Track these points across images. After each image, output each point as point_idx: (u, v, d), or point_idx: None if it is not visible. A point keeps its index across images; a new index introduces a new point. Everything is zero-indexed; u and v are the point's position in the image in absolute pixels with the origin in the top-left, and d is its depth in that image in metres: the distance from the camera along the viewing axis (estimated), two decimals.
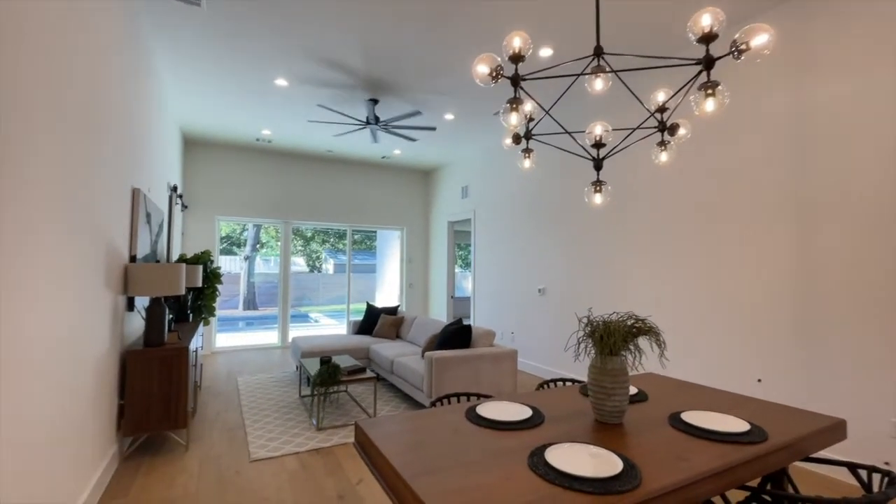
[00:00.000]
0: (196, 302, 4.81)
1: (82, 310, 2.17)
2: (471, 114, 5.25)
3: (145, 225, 3.45)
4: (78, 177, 2.06)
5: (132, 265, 2.94)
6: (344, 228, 7.94)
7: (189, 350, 3.15)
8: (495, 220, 6.40)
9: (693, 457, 1.36)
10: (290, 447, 3.14)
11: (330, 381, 3.51)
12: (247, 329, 11.89)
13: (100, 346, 2.49)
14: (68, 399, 2.01)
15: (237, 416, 3.85)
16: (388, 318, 5.55)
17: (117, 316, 2.83)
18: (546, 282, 5.31)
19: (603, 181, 2.02)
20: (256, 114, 5.37)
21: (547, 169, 5.39)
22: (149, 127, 3.77)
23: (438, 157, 7.42)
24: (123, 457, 2.95)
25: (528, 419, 1.67)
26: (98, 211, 2.39)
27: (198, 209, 6.67)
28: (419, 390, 3.78)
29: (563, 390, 2.17)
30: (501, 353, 3.80)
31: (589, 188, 2.07)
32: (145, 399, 2.95)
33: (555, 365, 5.14)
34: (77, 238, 2.06)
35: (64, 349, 1.95)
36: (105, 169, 2.50)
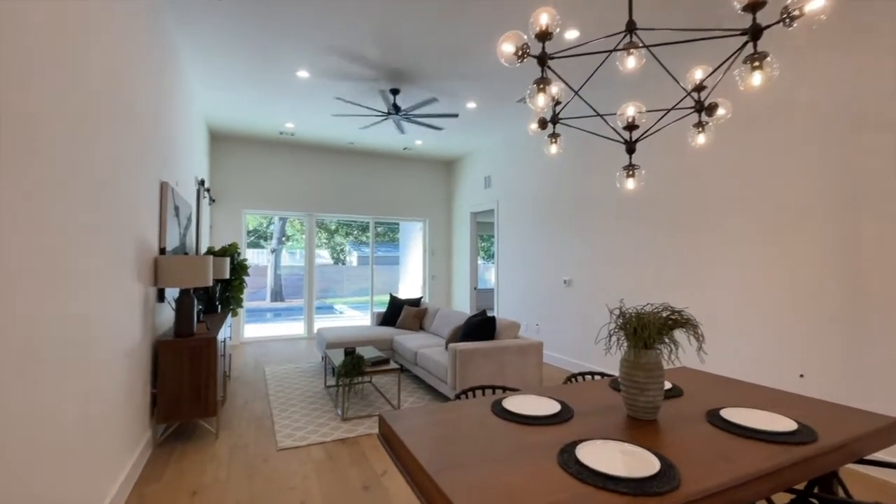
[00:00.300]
0: (224, 293, 4.92)
1: (113, 301, 2.21)
2: (493, 102, 5.14)
3: (174, 218, 3.52)
4: (105, 170, 2.09)
5: (161, 257, 3.01)
6: (367, 221, 7.97)
7: (217, 340, 3.21)
8: (519, 210, 6.28)
9: (736, 457, 1.27)
10: (316, 437, 3.17)
11: (354, 371, 3.52)
12: (274, 320, 12.16)
13: (132, 336, 2.55)
14: (101, 388, 2.06)
15: (265, 405, 3.92)
16: (412, 310, 5.55)
17: (148, 307, 2.90)
18: (572, 273, 5.19)
19: (636, 165, 1.92)
20: (279, 107, 5.41)
21: (573, 156, 5.24)
22: (175, 122, 3.83)
23: (460, 148, 7.33)
24: (157, 443, 3.04)
25: (556, 414, 1.61)
26: (127, 204, 2.43)
27: (225, 203, 6.80)
28: (443, 382, 3.75)
29: (592, 384, 2.10)
30: (526, 346, 3.73)
31: (621, 173, 1.97)
32: (176, 388, 3.03)
33: (582, 357, 5.03)
34: (106, 231, 2.10)
35: (96, 339, 2.00)
36: (133, 163, 2.54)
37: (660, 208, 4.10)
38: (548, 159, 5.63)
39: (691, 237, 3.78)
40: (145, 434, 2.87)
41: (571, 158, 5.26)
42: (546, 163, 5.70)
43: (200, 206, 5.22)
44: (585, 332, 4.97)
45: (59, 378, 1.63)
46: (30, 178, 1.41)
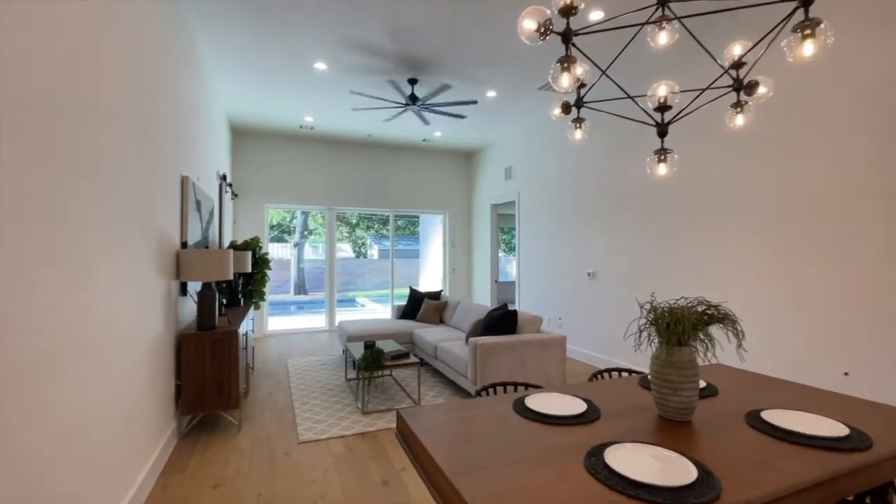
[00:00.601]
0: (246, 287, 4.97)
1: (135, 294, 2.23)
2: (513, 90, 5.00)
3: (195, 212, 3.55)
4: (126, 165, 2.10)
5: (183, 251, 3.03)
6: (387, 214, 7.95)
7: (238, 334, 3.23)
8: (541, 201, 6.14)
9: (781, 464, 1.17)
10: (337, 430, 3.17)
11: (374, 365, 3.50)
12: (297, 313, 12.35)
13: (155, 328, 2.58)
14: (125, 379, 2.09)
15: (286, 397, 3.95)
16: (432, 303, 5.50)
17: (171, 300, 2.93)
18: (596, 265, 5.04)
19: (668, 149, 1.79)
20: (298, 100, 5.40)
21: (598, 143, 5.07)
22: (196, 116, 3.85)
23: (480, 139, 7.22)
24: (182, 434, 3.09)
25: (582, 414, 1.53)
26: (147, 198, 2.44)
27: (247, 197, 6.88)
28: (463, 376, 3.70)
29: (619, 382, 2.00)
30: (549, 340, 3.64)
31: (651, 158, 1.85)
32: (199, 380, 3.06)
33: (607, 352, 4.90)
34: (127, 225, 2.11)
35: (118, 331, 2.01)
36: (153, 157, 2.55)
37: (691, 197, 3.91)
38: (571, 148, 5.47)
39: (727, 227, 3.60)
40: (170, 425, 2.92)
41: (596, 146, 5.09)
42: (569, 152, 5.53)
43: (223, 200, 5.29)
44: (610, 326, 4.83)
45: (83, 370, 1.64)
46: (51, 171, 1.40)
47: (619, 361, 4.67)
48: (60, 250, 1.51)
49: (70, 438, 1.57)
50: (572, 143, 5.42)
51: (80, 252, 1.66)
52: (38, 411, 1.38)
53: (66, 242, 1.55)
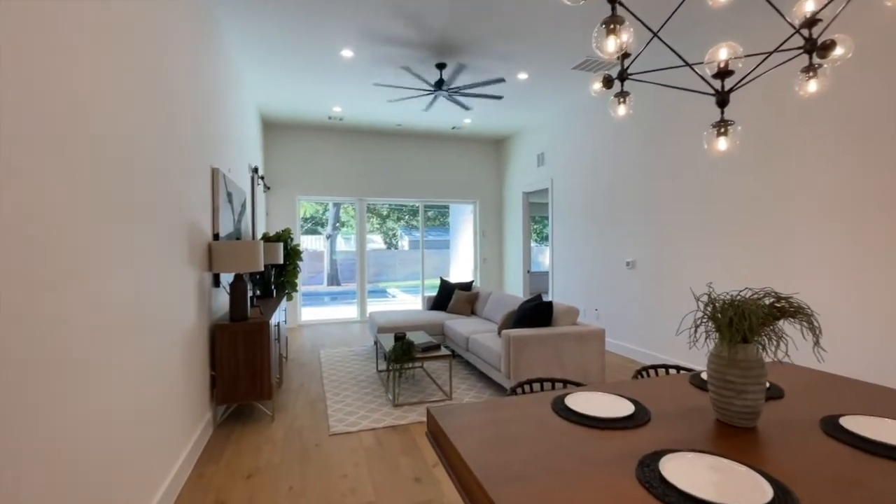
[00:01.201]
0: (279, 278, 5.02)
1: (169, 285, 2.23)
2: (546, 71, 4.78)
3: (227, 204, 3.57)
4: (155, 155, 2.08)
5: (215, 243, 3.04)
6: (416, 204, 7.89)
7: (270, 325, 3.23)
8: (575, 188, 5.90)
9: (871, 482, 1.00)
10: (368, 422, 3.14)
11: (404, 357, 3.44)
12: (331, 304, 12.56)
13: (188, 320, 2.59)
14: (161, 370, 2.09)
15: (319, 387, 3.96)
16: (463, 294, 5.40)
17: (203, 292, 2.95)
18: (636, 254, 4.79)
19: (729, 120, 1.60)
20: (326, 90, 5.37)
21: (641, 120, 4.79)
22: (226, 108, 3.87)
23: (510, 125, 7.00)
24: (218, 424, 3.13)
25: (630, 416, 1.39)
26: (178, 189, 2.44)
27: (280, 190, 6.96)
28: (496, 369, 3.59)
29: (667, 380, 1.84)
30: (587, 333, 3.47)
31: (710, 132, 1.65)
32: (233, 370, 3.09)
33: (648, 346, 4.67)
34: (159, 217, 2.10)
35: (154, 323, 2.01)
36: (183, 149, 2.54)
37: (745, 177, 3.62)
38: (609, 129, 5.20)
39: (791, 211, 3.30)
40: (206, 414, 2.96)
41: (638, 124, 4.81)
42: (607, 133, 5.26)
43: (255, 193, 5.35)
44: (652, 318, 4.59)
45: (120, 361, 1.64)
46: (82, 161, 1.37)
47: (663, 356, 4.43)
48: (96, 243, 1.49)
49: (108, 429, 1.57)
50: (610, 125, 5.15)
51: (111, 244, 1.64)
52: (76, 402, 1.37)
53: (98, 236, 1.53)
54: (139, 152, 1.92)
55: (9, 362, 1.12)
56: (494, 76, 4.89)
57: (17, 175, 1.16)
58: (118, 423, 1.68)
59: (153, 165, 2.08)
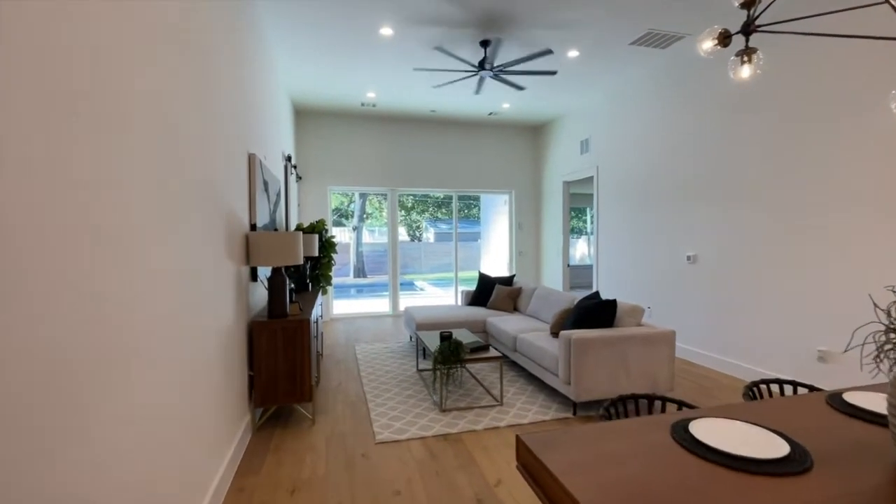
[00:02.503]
0: (314, 271, 4.82)
1: (205, 280, 2.01)
2: (599, 47, 4.37)
3: (263, 193, 3.35)
4: (196, 139, 1.85)
5: (252, 233, 2.82)
6: (448, 194, 7.59)
7: (310, 321, 3.01)
8: (625, 176, 5.48)
9: None
10: (415, 430, 2.88)
11: (453, 359, 3.17)
12: (357, 296, 12.46)
13: (226, 316, 2.38)
14: (200, 371, 1.88)
15: (357, 387, 3.74)
16: (504, 289, 5.09)
17: (241, 286, 2.74)
18: (698, 247, 4.37)
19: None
20: (361, 74, 5.10)
21: (708, 97, 4.34)
22: (260, 92, 3.64)
23: (552, 109, 6.59)
24: (256, 427, 2.94)
25: (787, 458, 1.06)
26: (215, 176, 2.21)
27: (311, 180, 6.77)
28: (551, 373, 3.27)
29: (797, 402, 1.49)
30: (655, 335, 3.11)
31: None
32: (272, 371, 2.88)
33: (714, 349, 4.26)
34: (195, 205, 1.87)
35: (190, 321, 1.79)
36: (219, 131, 2.31)
37: (862, 159, 3.17)
38: (667, 109, 4.76)
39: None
40: (245, 417, 2.76)
41: (703, 101, 4.36)
42: (664, 114, 4.82)
43: (288, 182, 5.15)
44: (718, 318, 4.17)
45: (155, 363, 1.42)
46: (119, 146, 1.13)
47: (734, 360, 4.02)
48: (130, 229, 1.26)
49: (143, 436, 1.35)
50: (669, 104, 4.70)
51: (145, 232, 1.40)
52: (112, 407, 1.14)
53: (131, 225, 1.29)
54: (181, 132, 1.68)
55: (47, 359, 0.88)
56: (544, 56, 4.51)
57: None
58: (153, 433, 1.46)
59: (194, 149, 1.84)
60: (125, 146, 1.30)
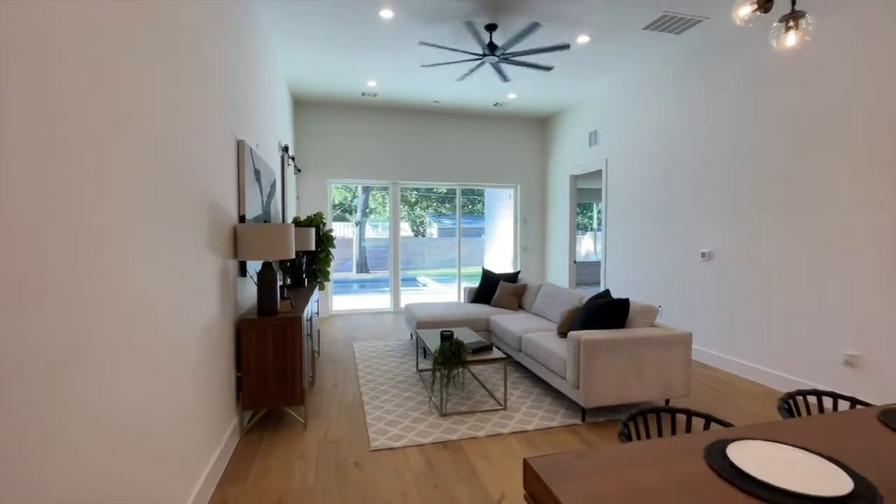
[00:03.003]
0: (310, 266, 4.64)
1: (185, 275, 1.83)
2: (612, 31, 4.14)
3: (254, 182, 3.17)
4: (165, 116, 1.66)
5: (241, 225, 2.64)
6: (451, 188, 7.38)
7: (303, 319, 2.83)
8: (636, 169, 5.26)
9: None
10: (413, 436, 2.70)
11: (454, 360, 2.98)
12: (360, 291, 12.31)
13: (210, 314, 2.20)
14: (180, 372, 1.70)
15: (354, 388, 3.57)
16: (509, 286, 4.90)
17: (227, 282, 2.56)
18: (714, 243, 4.15)
19: None
20: (361, 61, 4.89)
21: (731, 85, 4.11)
22: (253, 75, 3.45)
23: (560, 100, 6.36)
24: (244, 431, 2.77)
25: (852, 496, 0.87)
26: (196, 161, 2.02)
27: (310, 173, 6.59)
28: (558, 376, 3.09)
29: (848, 421, 1.29)
30: (671, 337, 2.91)
31: None
32: (261, 372, 2.71)
33: (733, 352, 4.05)
34: (172, 192, 1.69)
35: (167, 319, 1.61)
36: (204, 112, 2.12)
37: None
38: (684, 99, 4.52)
39: None
40: (232, 421, 2.59)
41: (728, 85, 4.13)
42: (679, 104, 4.59)
43: (285, 174, 4.96)
44: (732, 318, 3.96)
45: (128, 362, 1.24)
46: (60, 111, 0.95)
47: (752, 363, 3.81)
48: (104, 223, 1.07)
49: (118, 442, 1.17)
50: (684, 93, 4.47)
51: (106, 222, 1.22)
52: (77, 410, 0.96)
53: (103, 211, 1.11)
54: (150, 104, 1.49)
55: None
56: (553, 39, 4.29)
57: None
58: (129, 439, 1.28)
59: (167, 126, 1.66)
60: (78, 108, 1.11)
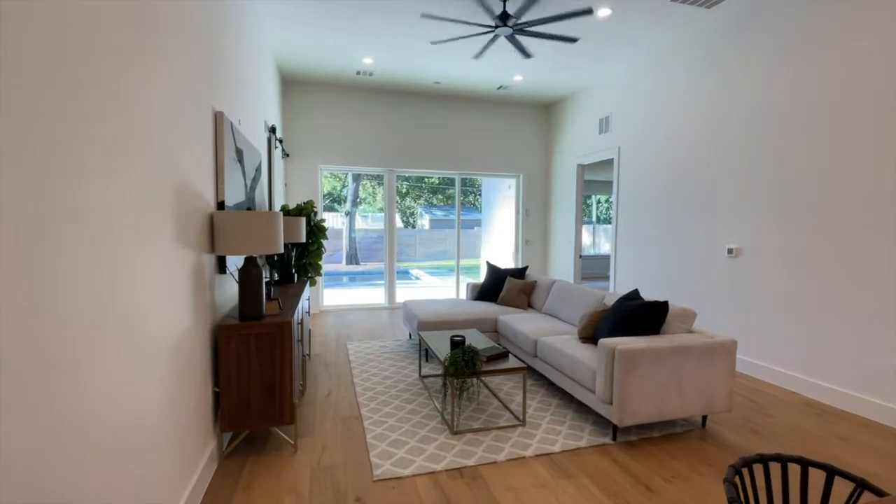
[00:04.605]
0: (301, 260, 4.21)
1: (145, 273, 1.41)
2: (637, 3, 3.74)
3: (235, 164, 2.72)
4: (111, 70, 1.22)
5: (219, 213, 2.21)
6: (447, 177, 6.96)
7: (293, 324, 2.42)
8: (652, 157, 4.90)
9: None
10: (422, 460, 2.32)
11: (468, 371, 2.60)
12: (350, 284, 11.87)
13: (178, 320, 1.79)
14: (133, 392, 1.29)
15: (350, 398, 3.17)
16: (517, 283, 4.52)
17: (202, 281, 2.13)
18: (742, 239, 3.81)
19: None
20: (356, 33, 4.42)
21: (765, 63, 3.75)
22: (237, 42, 2.98)
23: (568, 84, 5.95)
24: (224, 456, 2.36)
25: None
26: (160, 130, 1.59)
27: (300, 158, 6.10)
28: (585, 389, 2.73)
29: None
30: (715, 346, 2.56)
31: None
32: (243, 386, 2.29)
33: (764, 357, 3.74)
34: (125, 164, 1.26)
35: (123, 330, 1.19)
36: (171, 71, 1.68)
37: None
38: (707, 81, 4.15)
39: None
40: (208, 446, 2.18)
41: (762, 63, 3.77)
42: (703, 85, 4.23)
43: (272, 157, 4.49)
44: (763, 320, 3.64)
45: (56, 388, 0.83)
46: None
47: (786, 369, 3.50)
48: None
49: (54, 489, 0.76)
50: (710, 75, 4.10)
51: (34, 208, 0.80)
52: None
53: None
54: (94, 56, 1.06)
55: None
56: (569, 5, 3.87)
57: None
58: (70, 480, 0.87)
59: (117, 85, 1.22)
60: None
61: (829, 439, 2.60)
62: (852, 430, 2.72)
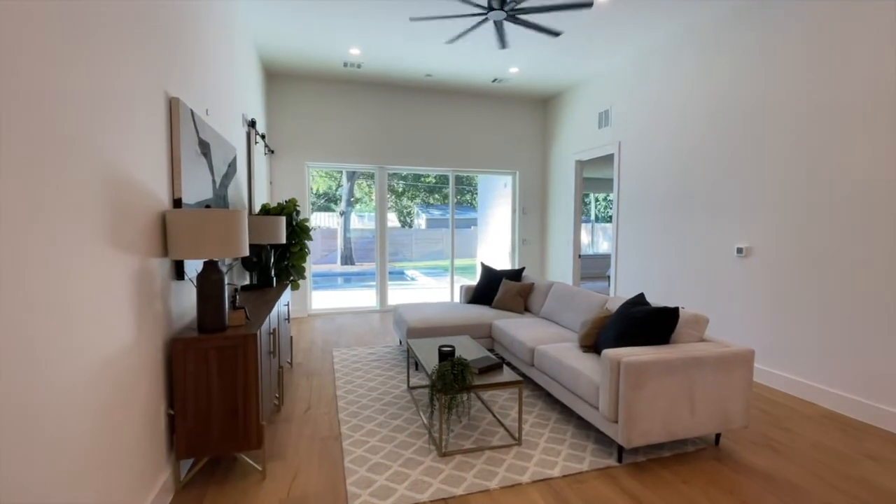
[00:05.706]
0: (281, 262, 3.94)
1: (66, 284, 1.14)
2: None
3: (198, 157, 2.45)
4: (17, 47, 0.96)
5: (172, 212, 1.94)
6: (442, 174, 6.70)
7: (261, 335, 2.16)
8: (657, 151, 4.65)
9: None
10: (405, 488, 2.06)
11: (456, 385, 2.34)
12: (345, 286, 11.60)
13: (118, 337, 1.53)
14: (57, 429, 1.03)
15: (331, 414, 2.91)
16: (513, 286, 4.27)
17: (149, 289, 1.86)
18: (754, 237, 3.57)
19: None
20: (342, 19, 4.15)
21: (782, 48, 3.50)
22: (204, 26, 2.71)
23: (567, 76, 5.70)
24: (181, 485, 2.09)
25: None
26: (85, 111, 1.33)
27: (286, 155, 5.83)
28: (587, 404, 2.47)
29: None
30: (731, 357, 2.31)
31: None
32: (202, 408, 2.03)
33: (777, 364, 3.49)
34: (32, 156, 1.00)
35: (40, 351, 0.93)
36: (98, 48, 1.42)
37: None
38: (718, 69, 3.90)
39: None
40: (160, 475, 1.92)
41: (780, 48, 3.53)
42: (713, 75, 3.98)
43: (252, 154, 4.22)
44: (775, 324, 3.40)
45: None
46: None
47: (803, 378, 3.26)
48: None
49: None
50: (722, 62, 3.84)
51: None
52: None
53: None
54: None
55: None
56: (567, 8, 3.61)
57: None
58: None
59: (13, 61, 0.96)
60: None
61: (859, 459, 2.34)
62: (882, 448, 2.47)
